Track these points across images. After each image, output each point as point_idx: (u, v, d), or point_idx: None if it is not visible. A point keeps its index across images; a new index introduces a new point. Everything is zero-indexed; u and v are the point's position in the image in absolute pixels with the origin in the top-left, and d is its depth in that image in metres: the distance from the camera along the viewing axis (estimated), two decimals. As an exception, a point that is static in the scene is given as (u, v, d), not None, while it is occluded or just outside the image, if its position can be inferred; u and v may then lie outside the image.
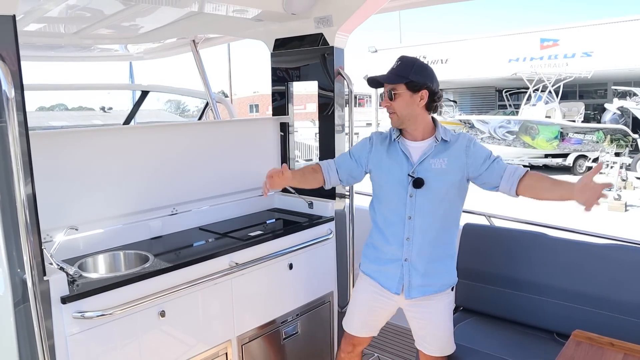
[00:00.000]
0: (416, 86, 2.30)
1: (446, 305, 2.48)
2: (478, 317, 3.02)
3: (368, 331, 2.63)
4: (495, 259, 3.00)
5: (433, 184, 2.32)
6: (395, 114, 2.35)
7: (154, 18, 3.65)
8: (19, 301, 1.88)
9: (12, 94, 1.73)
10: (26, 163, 1.81)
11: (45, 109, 32.50)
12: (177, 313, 2.34)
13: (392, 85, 2.32)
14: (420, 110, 2.35)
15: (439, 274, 2.42)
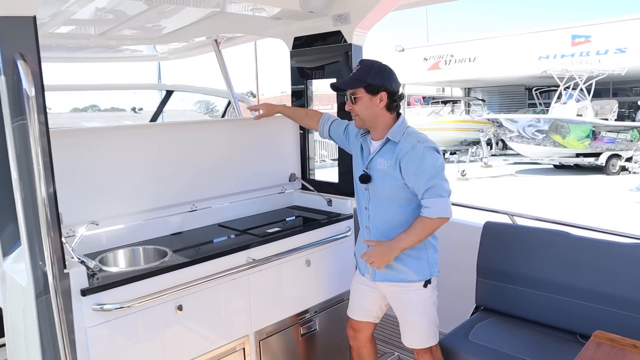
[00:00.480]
0: (374, 89, 2.42)
1: (419, 302, 2.57)
2: (498, 317, 2.97)
3: (362, 314, 2.76)
4: (517, 258, 2.95)
5: (377, 182, 2.51)
6: (358, 116, 2.50)
7: (176, 18, 3.71)
8: (41, 292, 1.94)
9: (32, 93, 1.78)
10: (47, 162, 1.87)
11: (78, 110, 33.30)
12: (194, 307, 2.37)
13: (352, 90, 2.46)
14: (380, 111, 2.47)
15: (400, 266, 2.53)
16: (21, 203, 1.91)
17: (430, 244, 2.57)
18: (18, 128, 1.87)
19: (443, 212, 2.37)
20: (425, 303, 2.58)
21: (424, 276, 2.54)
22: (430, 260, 2.56)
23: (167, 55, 4.92)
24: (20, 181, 1.90)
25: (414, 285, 2.54)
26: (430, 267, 2.56)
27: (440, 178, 2.38)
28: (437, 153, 2.42)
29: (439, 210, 2.36)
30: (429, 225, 2.40)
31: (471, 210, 3.73)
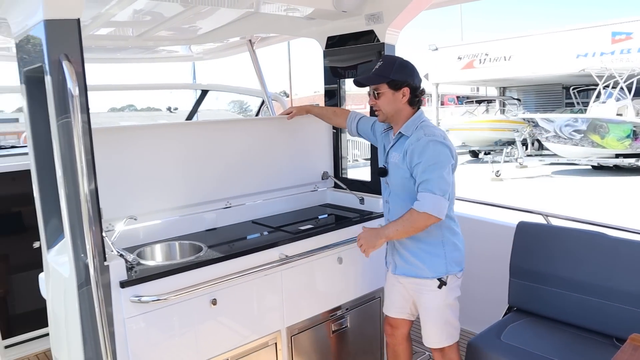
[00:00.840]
0: (397, 84, 2.48)
1: (433, 303, 2.60)
2: (532, 318, 2.94)
3: (396, 311, 2.81)
4: (551, 259, 2.91)
5: (392, 176, 2.60)
6: (381, 111, 2.56)
7: (212, 19, 3.78)
8: (82, 283, 2.02)
9: (76, 92, 1.86)
10: (89, 160, 1.94)
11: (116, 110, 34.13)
12: (228, 302, 2.43)
13: (375, 85, 2.52)
14: (403, 106, 2.53)
15: (416, 261, 2.58)
16: (65, 198, 2.00)
17: (449, 241, 2.56)
18: (62, 126, 1.95)
19: (430, 208, 2.32)
20: (438, 305, 2.59)
21: (438, 273, 2.55)
22: (448, 257, 2.55)
23: (202, 55, 5.01)
24: (64, 178, 1.98)
25: (428, 285, 2.57)
26: (447, 264, 2.55)
27: (436, 173, 2.35)
28: (442, 146, 2.40)
29: (425, 205, 2.33)
30: (414, 218, 2.37)
31: (504, 210, 3.70)
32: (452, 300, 2.62)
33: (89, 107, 1.96)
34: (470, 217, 3.79)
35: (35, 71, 2.06)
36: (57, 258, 2.29)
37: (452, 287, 2.59)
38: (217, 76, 40.05)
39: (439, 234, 2.54)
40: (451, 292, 2.59)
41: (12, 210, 3.94)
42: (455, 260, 2.58)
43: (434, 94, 23.23)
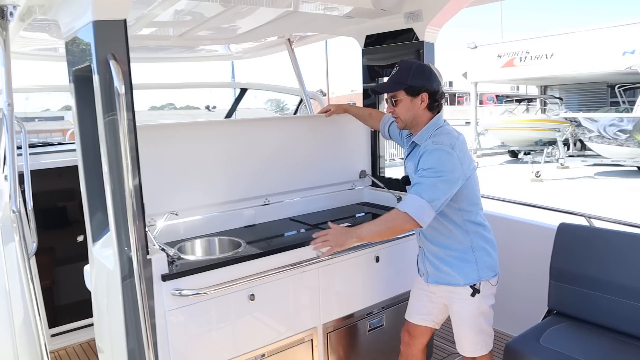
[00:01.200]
0: (415, 90, 2.40)
1: (466, 311, 2.51)
2: (572, 322, 2.88)
3: (420, 318, 2.70)
4: (594, 262, 2.84)
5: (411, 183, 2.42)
6: (399, 118, 2.47)
7: (251, 19, 3.82)
8: (126, 276, 2.08)
9: (123, 90, 1.92)
10: (134, 157, 2.01)
11: (156, 108, 34.84)
12: (266, 297, 2.46)
13: (393, 93, 2.44)
14: (422, 112, 2.44)
15: (447, 268, 2.49)
16: (110, 194, 2.06)
17: (479, 246, 2.47)
18: (108, 123, 2.02)
19: (412, 210, 2.18)
20: (472, 313, 2.51)
21: (471, 280, 2.45)
22: (480, 263, 2.46)
23: (242, 54, 5.08)
24: (110, 174, 2.05)
25: (461, 294, 2.48)
26: (479, 270, 2.46)
27: (430, 180, 2.22)
28: (447, 155, 2.27)
29: (408, 206, 2.20)
30: (392, 217, 2.22)
31: (544, 211, 3.62)
32: (486, 308, 2.53)
33: (134, 105, 2.02)
34: (510, 217, 3.73)
35: (84, 70, 2.14)
36: (102, 251, 2.37)
37: (486, 294, 2.51)
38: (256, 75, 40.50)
39: (467, 239, 2.45)
40: (485, 300, 2.51)
41: (58, 204, 4.08)
42: (488, 265, 2.48)
43: (472, 93, 22.83)
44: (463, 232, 2.43)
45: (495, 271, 2.52)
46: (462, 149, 2.34)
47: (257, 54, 5.04)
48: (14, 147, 2.77)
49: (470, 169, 2.37)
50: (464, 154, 2.33)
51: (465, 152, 2.36)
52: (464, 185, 2.34)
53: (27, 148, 3.29)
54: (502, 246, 3.72)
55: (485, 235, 2.50)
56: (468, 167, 2.34)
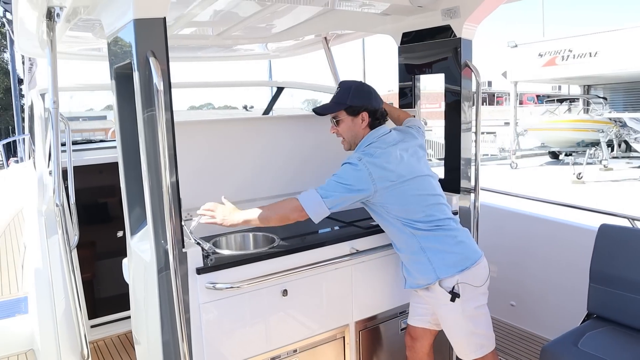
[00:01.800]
0: (355, 110, 2.51)
1: (449, 317, 2.52)
2: (613, 326, 2.80)
3: (417, 319, 2.73)
4: (636, 264, 2.75)
5: None
6: (344, 139, 2.59)
7: (288, 17, 3.85)
8: (162, 268, 2.13)
9: (161, 87, 1.96)
10: (171, 155, 2.05)
11: (195, 108, 35.46)
12: (298, 293, 2.48)
13: (334, 113, 2.55)
14: (362, 131, 2.54)
15: (409, 271, 2.57)
16: (148, 190, 2.12)
17: (430, 247, 2.45)
18: (147, 119, 2.07)
19: (303, 199, 2.32)
20: (456, 318, 2.50)
21: (430, 279, 2.46)
22: (434, 262, 2.44)
23: (279, 53, 5.12)
24: (148, 170, 2.10)
25: (441, 299, 2.47)
26: (436, 269, 2.44)
27: (331, 180, 2.36)
28: (350, 167, 2.37)
29: (302, 196, 2.34)
30: (285, 204, 2.36)
31: (584, 213, 3.53)
32: (471, 311, 2.48)
33: (172, 102, 2.06)
34: (548, 218, 3.65)
35: (124, 68, 2.20)
36: (140, 244, 2.43)
37: (469, 297, 2.45)
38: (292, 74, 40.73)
39: (414, 240, 2.46)
40: (469, 302, 2.46)
41: (100, 200, 4.20)
42: (447, 263, 2.44)
43: (512, 93, 22.41)
44: (408, 235, 2.46)
45: (460, 267, 2.44)
46: (377, 162, 2.37)
47: (294, 52, 5.07)
48: (59, 143, 2.87)
49: (388, 182, 2.38)
50: (378, 167, 2.37)
51: (382, 165, 2.38)
52: (392, 197, 2.40)
53: (71, 145, 3.41)
54: (539, 248, 3.66)
55: (437, 235, 2.45)
56: (384, 179, 2.37)
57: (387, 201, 2.42)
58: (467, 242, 2.53)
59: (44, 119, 3.57)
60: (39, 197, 3.27)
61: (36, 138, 3.60)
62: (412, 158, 2.51)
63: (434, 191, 2.53)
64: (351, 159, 2.41)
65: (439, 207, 2.51)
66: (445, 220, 2.49)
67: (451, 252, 2.46)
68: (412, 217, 2.44)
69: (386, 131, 2.56)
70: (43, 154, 3.46)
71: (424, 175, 2.52)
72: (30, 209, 3.44)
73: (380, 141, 2.50)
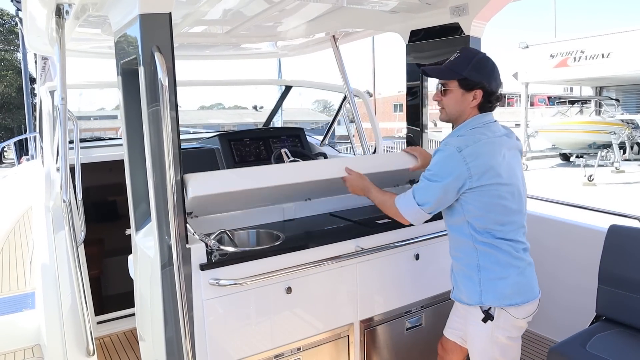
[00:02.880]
0: (470, 84, 2.18)
1: (476, 335, 2.31)
2: (622, 329, 2.76)
3: (449, 332, 2.58)
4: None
5: None
6: (444, 109, 2.28)
7: (297, 16, 3.84)
8: (165, 264, 2.13)
9: (166, 82, 1.96)
10: (176, 152, 2.05)
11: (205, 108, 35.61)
12: (303, 291, 2.47)
13: (445, 81, 2.23)
14: (470, 110, 2.23)
15: (457, 282, 2.37)
16: (153, 186, 2.12)
17: (488, 268, 2.20)
18: (152, 115, 2.07)
19: (404, 208, 2.23)
20: (482, 340, 2.28)
21: (473, 300, 2.24)
22: (484, 286, 2.21)
23: (287, 52, 5.11)
24: (153, 167, 2.11)
25: (474, 315, 2.26)
26: (482, 293, 2.21)
27: (426, 180, 2.17)
28: (447, 156, 2.13)
29: (403, 203, 2.24)
30: (388, 204, 2.32)
31: (594, 214, 3.48)
32: (502, 339, 2.24)
33: (177, 98, 2.06)
34: (556, 219, 3.61)
35: (130, 63, 2.20)
36: (144, 240, 2.43)
37: (504, 326, 2.22)
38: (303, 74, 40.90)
39: (475, 255, 2.21)
40: (501, 331, 2.23)
41: (109, 198, 4.22)
42: (498, 292, 2.19)
43: (523, 94, 22.26)
44: (469, 246, 2.23)
45: (511, 301, 2.19)
46: (479, 152, 2.11)
47: (302, 51, 5.06)
48: (66, 140, 2.89)
49: (484, 179, 2.11)
50: (479, 159, 2.10)
51: (483, 160, 2.11)
52: (479, 196, 2.13)
53: (79, 142, 3.42)
54: (548, 249, 3.62)
55: (502, 259, 2.19)
56: (481, 175, 2.11)
57: (471, 199, 2.15)
58: (529, 277, 2.25)
59: (52, 116, 3.59)
60: (46, 193, 3.30)
61: (44, 135, 3.63)
62: (513, 160, 2.23)
63: (521, 209, 2.25)
64: (448, 147, 2.14)
65: (520, 230, 2.24)
66: (518, 245, 2.22)
67: (507, 283, 2.19)
68: (486, 226, 2.17)
69: (492, 119, 2.26)
70: (51, 151, 3.48)
71: (520, 186, 2.24)
72: (38, 206, 3.47)
73: (486, 128, 2.21)
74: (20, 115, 24.93)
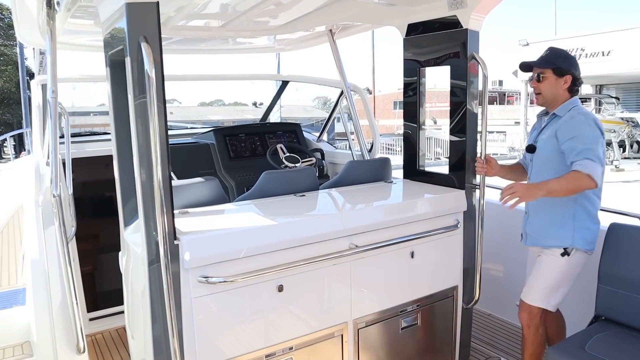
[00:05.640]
0: (562, 71, 2.76)
1: (550, 265, 2.78)
2: (622, 329, 2.70)
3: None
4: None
5: (540, 150, 2.83)
6: (541, 94, 2.82)
7: (293, 9, 3.77)
8: (153, 260, 2.07)
9: (153, 74, 1.90)
10: (163, 146, 2.00)
11: (205, 104, 35.50)
12: (295, 289, 2.41)
13: (541, 69, 2.79)
14: (562, 92, 2.79)
15: (546, 231, 2.81)
16: (140, 181, 2.06)
17: (581, 217, 2.73)
18: (139, 107, 2.01)
19: (592, 172, 2.53)
20: (552, 267, 2.76)
21: (564, 243, 2.73)
22: (577, 230, 2.72)
23: (284, 46, 5.04)
24: (140, 161, 2.05)
25: (552, 250, 2.76)
26: (574, 237, 2.72)
27: (594, 145, 2.59)
28: (596, 127, 2.66)
29: (588, 168, 2.53)
30: (578, 178, 2.55)
31: None
32: (569, 274, 2.76)
33: (164, 90, 2.00)
34: None
35: (118, 54, 2.14)
36: (132, 236, 2.37)
37: (574, 261, 2.74)
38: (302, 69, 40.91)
39: (572, 207, 2.73)
40: (571, 264, 2.74)
41: (103, 193, 4.17)
42: (584, 238, 2.72)
43: (522, 92, 22.17)
44: (572, 200, 2.71)
45: (590, 246, 2.75)
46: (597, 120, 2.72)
47: (299, 46, 4.99)
48: (57, 134, 2.82)
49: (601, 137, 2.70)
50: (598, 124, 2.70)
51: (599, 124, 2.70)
52: None
53: (69, 136, 3.36)
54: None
55: (591, 210, 2.76)
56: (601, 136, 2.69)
57: None
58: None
59: (43, 109, 3.53)
60: (36, 188, 3.23)
61: (34, 128, 3.56)
62: None
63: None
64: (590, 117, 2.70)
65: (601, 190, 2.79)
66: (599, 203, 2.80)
67: (592, 231, 2.76)
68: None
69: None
70: (40, 145, 3.42)
71: None
72: (28, 201, 3.41)
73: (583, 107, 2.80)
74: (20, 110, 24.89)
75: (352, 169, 3.31)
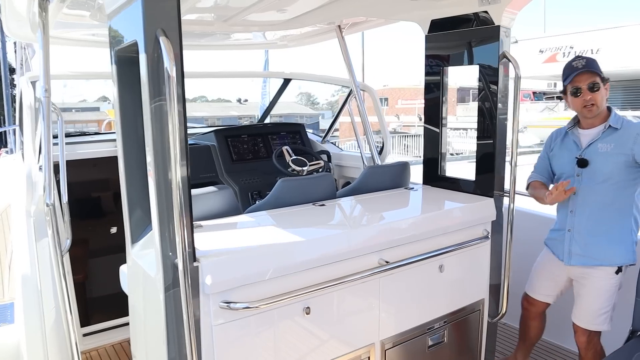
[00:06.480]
0: (604, 80, 2.64)
1: (605, 285, 2.67)
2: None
3: (541, 296, 2.97)
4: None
5: (597, 164, 2.65)
6: (596, 105, 2.62)
7: (302, 3, 3.54)
8: (170, 286, 1.83)
9: (174, 72, 1.66)
10: (183, 151, 1.75)
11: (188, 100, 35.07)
12: (322, 311, 2.20)
13: (594, 79, 2.61)
14: (605, 101, 2.68)
15: (598, 248, 2.67)
16: (155, 189, 1.82)
17: (634, 229, 2.65)
18: (156, 109, 1.77)
19: None
20: (608, 288, 2.66)
21: (620, 261, 2.63)
22: (633, 245, 2.64)
23: (287, 42, 4.80)
24: (155, 168, 1.80)
25: (606, 269, 2.65)
26: (631, 252, 2.64)
27: None
28: None
29: None
30: None
31: None
32: (618, 287, 2.69)
33: (184, 90, 1.76)
34: None
35: (128, 50, 1.89)
36: (142, 253, 2.12)
37: (625, 276, 2.68)
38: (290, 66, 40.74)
39: (629, 221, 2.65)
40: (622, 280, 2.68)
41: (92, 195, 3.92)
42: (636, 251, 2.67)
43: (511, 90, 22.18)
44: (628, 214, 2.64)
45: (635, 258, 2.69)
46: None
47: (303, 42, 4.74)
48: (50, 136, 2.56)
49: None
50: None
51: None
52: None
53: (64, 137, 3.09)
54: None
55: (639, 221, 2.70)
56: None
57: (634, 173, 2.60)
58: None
59: (34, 109, 3.24)
60: (27, 196, 2.95)
61: (25, 130, 3.27)
62: None
63: None
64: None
65: None
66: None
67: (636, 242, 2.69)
68: None
69: None
70: (32, 148, 3.13)
71: None
72: (18, 208, 3.12)
73: None
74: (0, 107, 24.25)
75: (371, 174, 3.10)
